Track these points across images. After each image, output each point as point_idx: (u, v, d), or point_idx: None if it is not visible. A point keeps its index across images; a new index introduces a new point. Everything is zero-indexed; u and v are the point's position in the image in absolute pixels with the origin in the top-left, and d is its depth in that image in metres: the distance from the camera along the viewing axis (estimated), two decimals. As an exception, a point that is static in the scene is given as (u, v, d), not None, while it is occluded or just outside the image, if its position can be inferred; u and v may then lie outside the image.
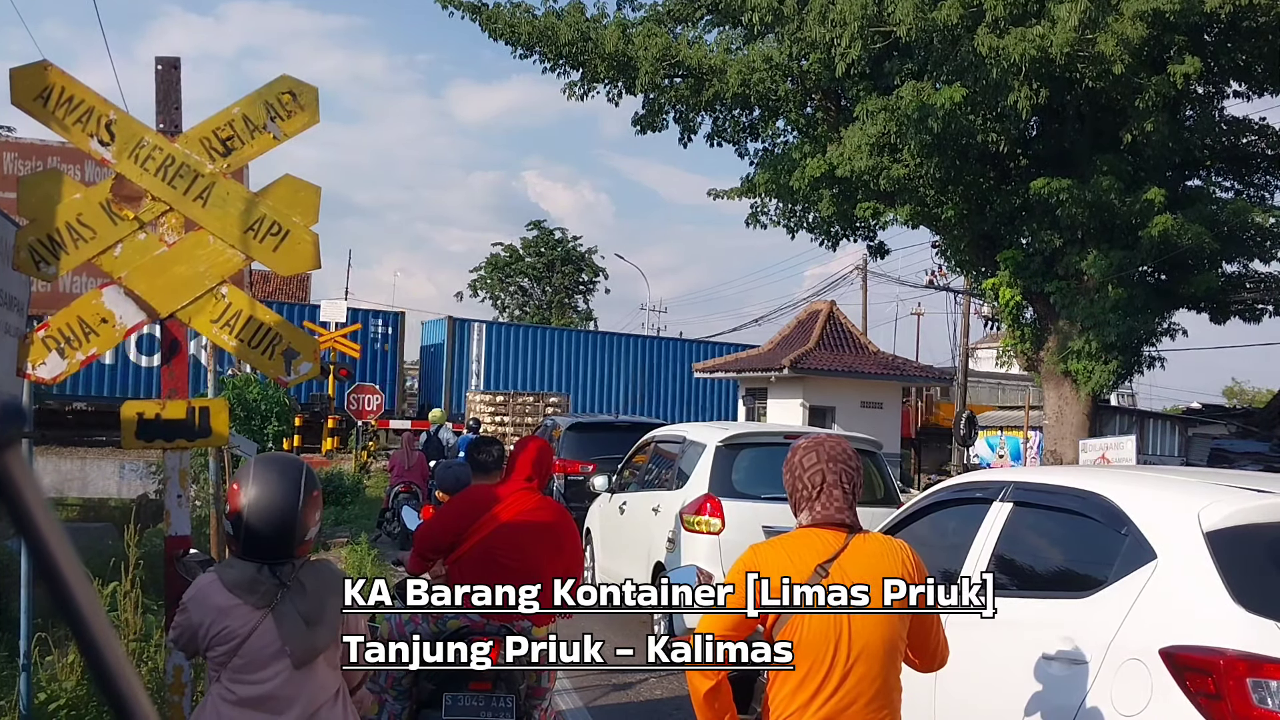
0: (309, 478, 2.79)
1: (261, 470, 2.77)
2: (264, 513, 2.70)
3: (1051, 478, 4.52)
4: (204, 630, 2.74)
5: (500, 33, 16.83)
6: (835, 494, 2.81)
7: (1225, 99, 16.60)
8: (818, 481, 2.82)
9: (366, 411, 21.16)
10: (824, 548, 2.76)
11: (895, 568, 2.77)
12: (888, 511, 6.15)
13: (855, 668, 2.69)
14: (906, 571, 2.78)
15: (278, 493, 2.71)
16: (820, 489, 2.82)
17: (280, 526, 2.71)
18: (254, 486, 2.71)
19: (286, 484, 2.72)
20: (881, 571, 2.73)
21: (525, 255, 52.53)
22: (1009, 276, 15.92)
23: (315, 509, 2.80)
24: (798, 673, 2.69)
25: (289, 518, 2.71)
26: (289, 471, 2.77)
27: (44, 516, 0.73)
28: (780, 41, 15.77)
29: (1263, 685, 2.85)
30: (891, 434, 23.82)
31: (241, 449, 7.23)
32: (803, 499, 2.85)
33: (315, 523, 2.80)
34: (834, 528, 2.80)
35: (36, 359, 3.79)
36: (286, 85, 3.93)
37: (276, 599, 2.72)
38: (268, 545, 2.72)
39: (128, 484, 17.70)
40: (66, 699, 4.80)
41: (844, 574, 2.70)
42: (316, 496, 2.80)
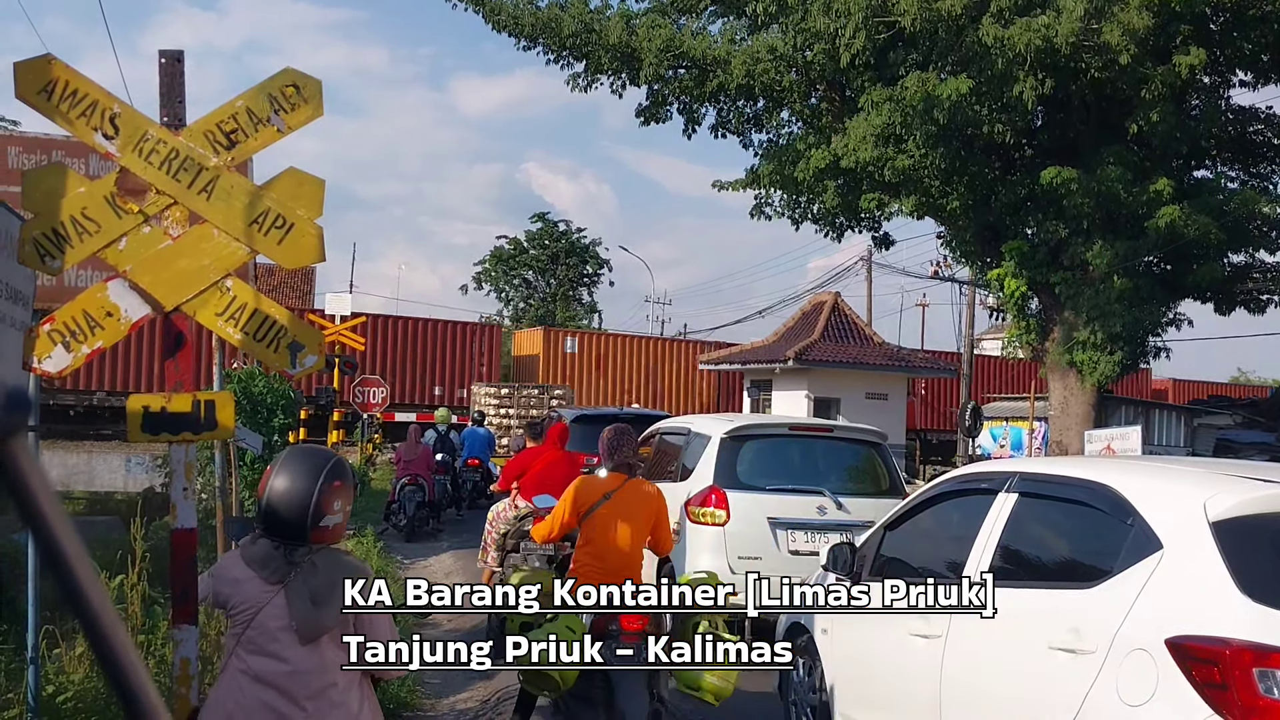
0: (334, 469, 2.96)
1: (289, 458, 3.02)
2: (281, 496, 2.91)
3: (1057, 468, 4.52)
4: (223, 598, 2.98)
5: (503, 24, 16.80)
6: (623, 452, 5.22)
7: (1231, 88, 16.55)
8: (616, 444, 5.21)
9: (371, 404, 21.18)
10: (614, 483, 5.14)
11: (650, 499, 5.21)
12: (892, 503, 6.13)
13: (621, 541, 5.04)
14: (657, 503, 5.24)
15: (297, 479, 2.91)
16: (615, 450, 5.20)
17: (294, 510, 2.89)
18: (279, 471, 2.95)
19: (307, 472, 2.92)
20: (642, 500, 5.16)
21: (529, 248, 52.50)
22: (1014, 267, 15.88)
23: (337, 498, 2.95)
24: (593, 541, 5.05)
25: (304, 502, 2.89)
26: (314, 461, 2.98)
27: (51, 508, 0.73)
28: (785, 32, 15.72)
29: (1269, 675, 2.85)
30: (896, 425, 23.81)
31: (247, 442, 7.24)
32: (605, 455, 5.23)
33: (336, 511, 2.96)
34: (621, 471, 5.19)
35: (42, 352, 3.79)
36: (290, 78, 3.92)
37: (289, 577, 2.90)
38: (283, 526, 2.92)
39: (134, 477, 17.74)
40: (74, 691, 4.83)
41: (622, 499, 5.08)
42: (338, 487, 2.95)
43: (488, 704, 6.59)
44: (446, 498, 15.61)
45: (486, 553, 8.17)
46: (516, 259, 52.51)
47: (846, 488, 8.16)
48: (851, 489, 8.19)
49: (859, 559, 5.14)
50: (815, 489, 7.98)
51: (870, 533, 5.34)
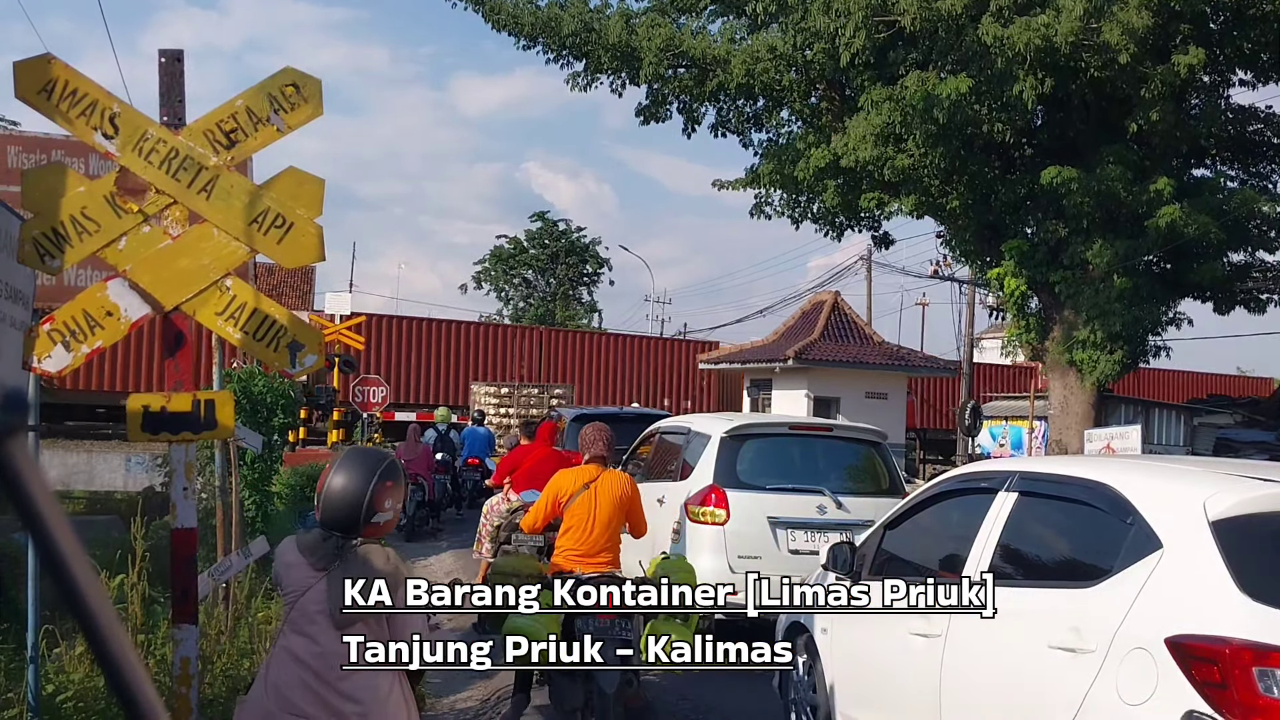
0: (388, 469, 3.17)
1: (347, 457, 3.25)
2: (338, 492, 3.11)
3: (1057, 467, 4.52)
4: (278, 579, 3.24)
5: (503, 24, 16.81)
6: (598, 447, 6.02)
7: (1231, 87, 16.54)
8: (592, 440, 6.06)
9: (371, 404, 21.19)
10: (591, 473, 5.93)
11: (624, 488, 5.95)
12: (892, 502, 6.13)
13: (597, 527, 5.76)
14: (630, 490, 6.00)
15: (353, 477, 3.12)
16: (592, 445, 6.03)
17: (349, 505, 3.10)
18: (338, 470, 3.17)
19: (363, 471, 3.13)
20: (616, 490, 5.89)
21: (529, 247, 52.47)
22: (1014, 266, 15.88)
23: (389, 497, 3.15)
24: (573, 529, 5.76)
25: (356, 498, 3.09)
26: (369, 461, 3.19)
27: (49, 508, 0.73)
28: (784, 31, 15.72)
29: (1269, 674, 2.85)
30: (896, 424, 23.80)
31: (247, 441, 7.22)
32: (584, 448, 6.08)
33: (388, 509, 3.16)
34: (597, 463, 5.99)
35: (42, 352, 3.80)
36: (290, 77, 3.92)
37: (333, 565, 3.11)
38: (339, 519, 3.12)
39: (134, 477, 17.73)
40: (74, 691, 4.82)
41: (599, 489, 5.84)
42: (391, 486, 3.16)
43: (488, 703, 6.60)
44: (446, 497, 15.63)
45: (482, 544, 8.54)
46: (516, 258, 52.48)
47: (846, 487, 8.16)
48: (851, 488, 8.19)
49: (859, 558, 5.14)
50: (815, 488, 7.98)
51: (870, 532, 5.34)
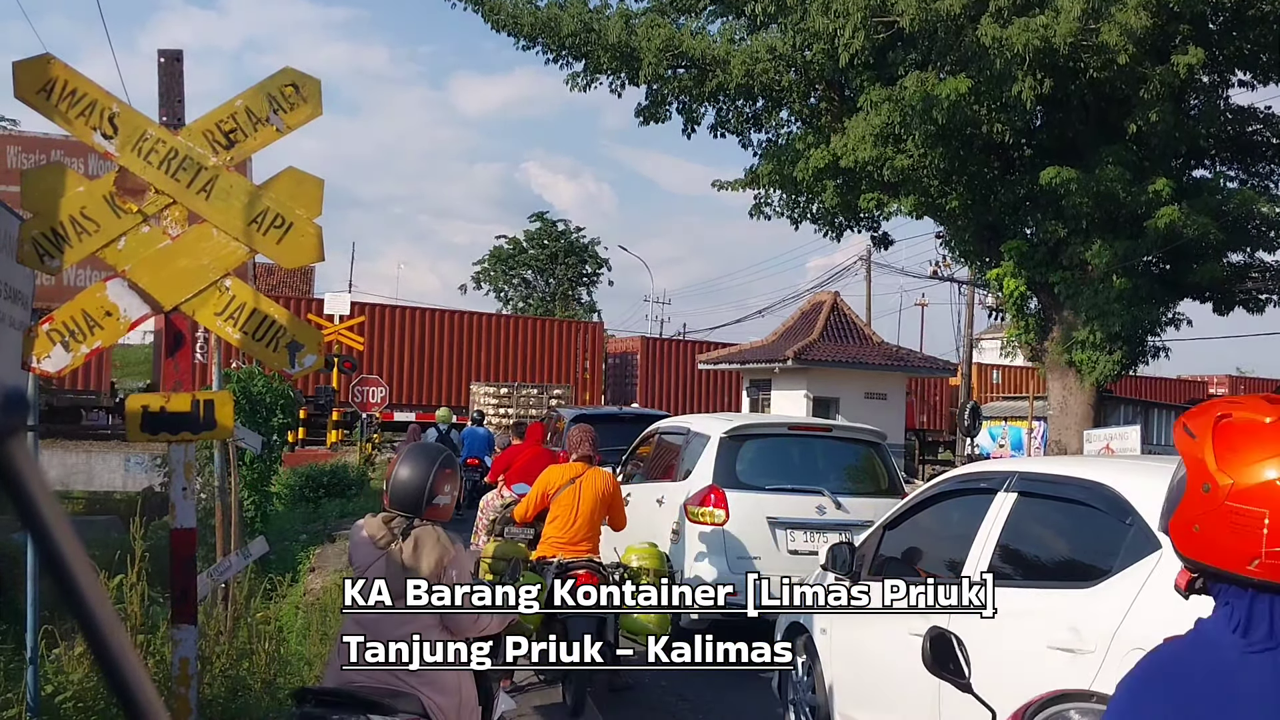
0: (445, 460, 3.68)
1: (411, 451, 3.73)
2: (404, 480, 3.59)
3: (1056, 468, 4.52)
4: (351, 555, 3.66)
5: (503, 24, 16.79)
6: (584, 446, 6.68)
7: (1230, 88, 16.53)
8: (579, 440, 6.71)
9: (371, 404, 21.18)
10: (577, 470, 6.57)
11: (606, 484, 6.57)
12: (891, 502, 6.14)
13: (579, 518, 6.40)
14: (611, 487, 6.62)
15: (416, 467, 3.61)
16: (580, 444, 6.68)
17: (413, 490, 3.57)
18: (403, 461, 3.65)
19: (424, 462, 3.62)
20: (599, 485, 6.52)
21: (528, 247, 52.46)
22: (1013, 267, 15.88)
23: (446, 483, 3.64)
24: (558, 518, 6.42)
25: (419, 484, 3.58)
26: (429, 454, 3.69)
27: (49, 508, 0.73)
28: (784, 32, 15.71)
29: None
30: (895, 425, 23.79)
31: (246, 441, 7.22)
32: (572, 448, 6.72)
33: (446, 493, 3.64)
34: (583, 461, 6.63)
35: (41, 352, 3.80)
36: (289, 77, 3.92)
37: (392, 545, 3.51)
38: (404, 503, 3.58)
39: (133, 477, 17.71)
40: (73, 691, 4.81)
41: (583, 484, 6.48)
42: (449, 474, 3.65)
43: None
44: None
45: (479, 536, 9.01)
46: (516, 258, 52.48)
47: (846, 487, 8.17)
48: (851, 488, 8.19)
49: (858, 558, 5.14)
50: (814, 488, 7.99)
51: (869, 532, 5.34)
